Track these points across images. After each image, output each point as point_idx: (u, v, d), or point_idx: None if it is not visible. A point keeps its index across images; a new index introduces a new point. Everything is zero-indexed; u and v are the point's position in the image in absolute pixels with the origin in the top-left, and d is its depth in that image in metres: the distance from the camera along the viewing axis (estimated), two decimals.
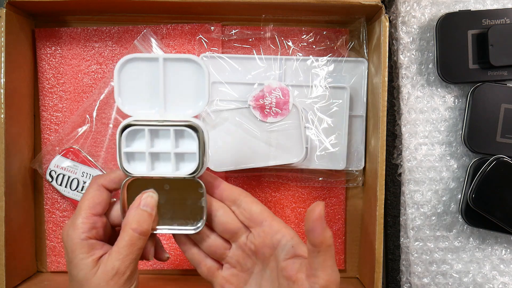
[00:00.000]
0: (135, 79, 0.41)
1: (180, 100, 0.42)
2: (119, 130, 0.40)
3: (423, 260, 0.56)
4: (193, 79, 0.41)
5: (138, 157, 0.42)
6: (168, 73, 0.41)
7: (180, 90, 0.41)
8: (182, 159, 0.42)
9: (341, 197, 0.59)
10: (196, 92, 0.41)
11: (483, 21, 0.52)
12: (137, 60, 0.41)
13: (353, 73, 0.57)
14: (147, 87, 0.41)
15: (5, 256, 0.51)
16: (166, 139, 0.42)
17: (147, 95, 0.41)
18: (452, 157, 0.56)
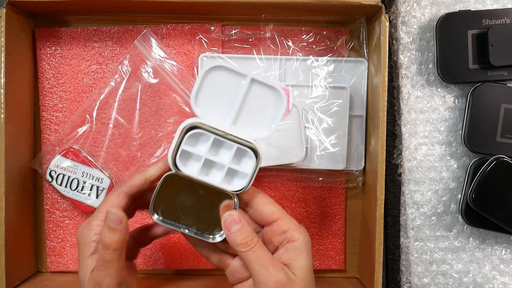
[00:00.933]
0: (217, 86, 0.42)
1: (251, 120, 0.43)
2: (184, 127, 0.41)
3: (423, 260, 0.56)
4: (271, 106, 0.42)
5: (194, 158, 0.42)
6: (250, 92, 0.42)
7: (254, 111, 0.43)
8: (233, 175, 0.43)
9: (341, 197, 0.59)
10: (268, 118, 0.43)
11: (483, 21, 0.52)
12: (227, 70, 0.42)
13: (353, 73, 0.57)
14: (225, 97, 0.42)
15: (5, 256, 0.51)
16: (226, 151, 0.43)
17: (223, 105, 0.43)
18: (452, 157, 0.56)
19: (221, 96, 0.42)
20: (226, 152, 0.43)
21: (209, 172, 0.43)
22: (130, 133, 0.58)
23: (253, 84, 0.42)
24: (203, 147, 0.42)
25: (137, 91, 0.57)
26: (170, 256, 0.59)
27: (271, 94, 0.42)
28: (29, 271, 0.58)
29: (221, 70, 0.42)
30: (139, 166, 0.58)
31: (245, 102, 0.42)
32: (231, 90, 0.42)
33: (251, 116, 0.43)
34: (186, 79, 0.57)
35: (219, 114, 0.43)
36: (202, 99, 0.42)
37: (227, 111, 0.43)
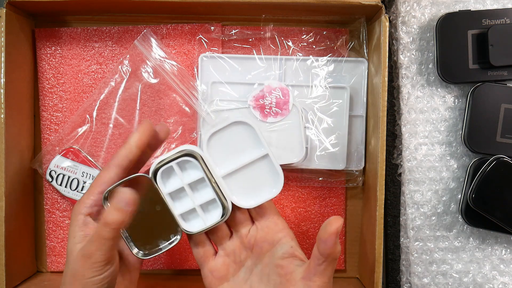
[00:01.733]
0: (234, 138, 0.44)
1: (241, 185, 0.44)
2: (185, 150, 0.42)
3: (423, 260, 0.56)
4: (266, 185, 0.44)
5: (173, 179, 0.43)
6: (257, 163, 0.44)
7: (248, 180, 0.44)
8: (192, 214, 0.44)
9: (341, 197, 0.59)
10: (255, 192, 0.44)
11: (483, 21, 0.52)
12: (253, 132, 0.43)
13: (353, 73, 0.57)
14: (234, 152, 0.44)
15: (5, 256, 0.51)
16: (202, 192, 0.44)
17: (227, 156, 0.44)
18: (452, 157, 0.56)
19: (232, 148, 0.43)
20: (202, 193, 0.44)
21: (175, 198, 0.43)
22: (130, 133, 0.57)
23: (265, 158, 0.43)
24: (188, 176, 0.43)
25: (137, 91, 0.57)
26: (170, 256, 0.59)
27: (273, 176, 0.43)
28: (29, 271, 0.58)
29: (247, 128, 0.43)
30: None
31: (247, 168, 0.44)
32: (243, 150, 0.43)
33: (243, 181, 0.44)
34: (186, 79, 0.57)
35: (219, 159, 0.44)
36: (215, 139, 0.43)
37: (227, 163, 0.44)
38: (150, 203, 0.43)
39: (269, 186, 0.44)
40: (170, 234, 0.44)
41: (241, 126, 0.43)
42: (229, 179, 0.44)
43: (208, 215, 0.44)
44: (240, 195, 0.44)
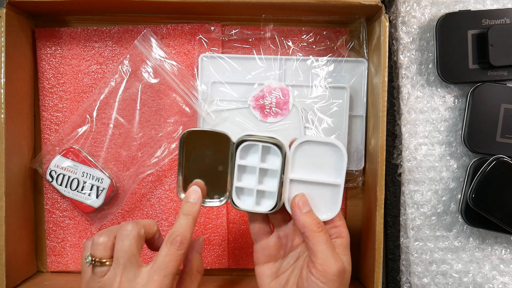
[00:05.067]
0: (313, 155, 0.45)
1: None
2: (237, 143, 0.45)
3: (423, 260, 0.56)
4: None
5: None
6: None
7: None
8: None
9: None
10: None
11: (483, 21, 0.52)
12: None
13: (353, 73, 0.57)
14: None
15: (5, 256, 0.51)
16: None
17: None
18: (452, 157, 0.56)
19: (314, 161, 0.45)
20: (266, 181, 0.46)
21: (241, 171, 0.45)
22: (130, 133, 0.58)
23: (335, 187, 0.45)
24: (265, 162, 0.45)
25: (137, 91, 0.57)
26: None
27: (333, 204, 0.45)
28: (29, 271, 0.58)
29: (340, 155, 0.44)
30: (139, 166, 0.58)
31: (315, 185, 0.45)
32: (322, 169, 0.45)
33: (305, 193, 0.45)
34: (186, 79, 0.57)
35: (297, 164, 0.45)
36: (305, 147, 0.45)
37: (302, 171, 0.45)
38: (216, 160, 0.45)
39: (325, 209, 0.45)
40: (216, 195, 0.46)
41: (335, 149, 0.45)
42: (295, 184, 0.45)
43: (259, 201, 0.45)
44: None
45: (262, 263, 0.46)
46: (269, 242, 0.46)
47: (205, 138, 0.45)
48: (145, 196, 0.58)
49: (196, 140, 0.45)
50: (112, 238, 0.41)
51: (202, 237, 0.47)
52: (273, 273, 0.46)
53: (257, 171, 0.44)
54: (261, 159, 0.44)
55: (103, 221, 0.58)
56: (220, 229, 0.58)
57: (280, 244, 0.46)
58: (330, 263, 0.40)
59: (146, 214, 0.58)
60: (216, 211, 0.58)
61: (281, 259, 0.46)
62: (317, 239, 0.41)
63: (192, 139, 0.45)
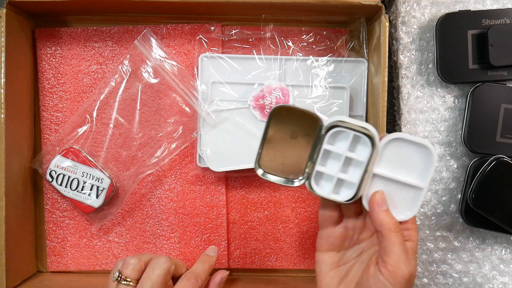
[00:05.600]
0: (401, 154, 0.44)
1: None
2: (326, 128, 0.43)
3: (423, 260, 0.56)
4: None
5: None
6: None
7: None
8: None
9: None
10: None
11: (483, 21, 0.52)
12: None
13: (353, 73, 0.57)
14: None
15: (5, 256, 0.51)
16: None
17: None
18: (452, 157, 0.56)
19: (402, 160, 0.43)
20: (350, 170, 0.44)
21: (325, 156, 0.44)
22: (130, 133, 0.58)
23: (418, 189, 0.43)
24: (353, 151, 0.43)
25: (137, 91, 0.57)
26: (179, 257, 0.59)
27: (411, 204, 0.44)
28: (29, 271, 0.58)
29: (430, 157, 0.43)
30: (139, 166, 0.58)
31: (398, 184, 0.44)
32: (409, 169, 0.43)
33: (386, 190, 0.44)
34: (186, 79, 0.57)
35: (384, 159, 0.44)
36: (397, 144, 0.43)
37: (387, 167, 0.44)
38: (303, 141, 0.44)
39: (403, 209, 0.44)
40: (292, 175, 0.44)
41: (426, 151, 0.43)
42: (378, 180, 0.44)
43: (338, 189, 0.44)
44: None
45: (324, 251, 0.46)
46: (336, 231, 0.45)
47: (295, 115, 0.43)
48: (145, 196, 0.58)
49: (286, 117, 0.43)
50: (142, 263, 0.44)
51: (226, 272, 0.51)
52: (334, 262, 0.45)
53: (342, 159, 0.43)
54: (350, 148, 0.43)
55: (103, 221, 0.58)
56: (220, 229, 0.58)
57: (346, 235, 0.45)
58: (402, 265, 0.40)
59: (146, 214, 0.58)
60: (216, 211, 0.58)
61: (344, 250, 0.46)
62: (393, 240, 0.40)
63: (282, 114, 0.43)
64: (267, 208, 0.59)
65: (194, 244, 0.58)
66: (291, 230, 0.59)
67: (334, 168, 0.43)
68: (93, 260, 0.59)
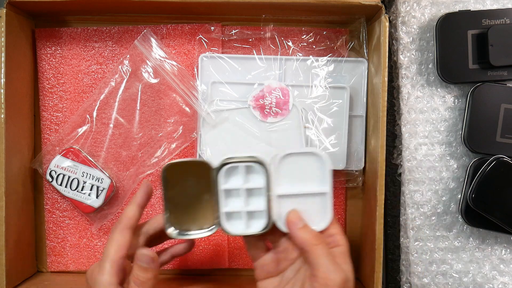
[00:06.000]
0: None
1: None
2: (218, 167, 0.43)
3: (423, 260, 0.56)
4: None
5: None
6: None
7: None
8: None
9: (341, 197, 0.59)
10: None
11: (483, 21, 0.52)
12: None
13: (353, 73, 0.57)
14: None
15: (5, 256, 0.51)
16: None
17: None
18: (452, 157, 0.56)
19: (298, 174, 0.44)
20: (254, 201, 0.44)
21: (228, 196, 0.44)
22: (130, 133, 0.58)
23: (323, 195, 0.44)
24: (250, 182, 0.44)
25: (137, 91, 0.57)
26: None
27: (323, 213, 0.44)
28: (29, 271, 0.58)
29: (321, 162, 0.44)
30: (139, 166, 0.58)
31: (303, 197, 0.45)
32: (308, 180, 0.44)
33: (295, 207, 0.44)
34: (186, 79, 0.57)
35: (282, 179, 0.44)
36: (288, 160, 0.44)
37: (287, 185, 0.45)
38: (201, 189, 0.44)
39: (316, 220, 0.44)
40: (205, 225, 0.45)
41: (316, 158, 0.44)
42: (284, 200, 0.44)
43: (251, 223, 0.44)
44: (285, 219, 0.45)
45: (263, 279, 0.46)
46: (267, 258, 0.45)
47: (186, 169, 0.44)
48: None
49: (178, 172, 0.44)
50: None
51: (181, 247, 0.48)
52: (275, 287, 0.45)
53: (243, 193, 0.44)
54: (245, 180, 0.43)
55: (103, 221, 0.58)
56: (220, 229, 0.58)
57: (278, 259, 0.45)
58: (332, 275, 0.40)
59: (146, 214, 0.58)
60: None
61: (282, 273, 0.45)
62: (316, 253, 0.41)
63: (174, 171, 0.43)
64: None
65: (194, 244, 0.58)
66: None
67: (239, 204, 0.44)
68: (93, 260, 0.59)
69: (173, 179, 0.43)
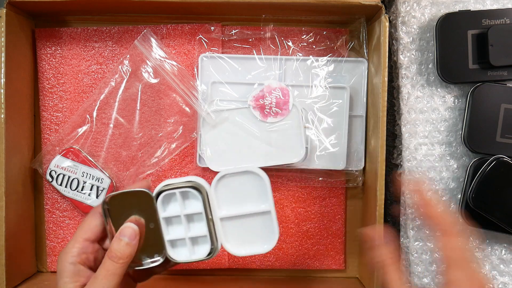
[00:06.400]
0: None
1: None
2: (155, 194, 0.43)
3: (423, 260, 0.56)
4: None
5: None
6: None
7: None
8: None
9: (341, 197, 0.59)
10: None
11: (483, 21, 0.52)
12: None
13: (353, 73, 0.57)
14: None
15: (5, 256, 0.51)
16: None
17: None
18: (452, 157, 0.56)
19: (239, 194, 0.44)
20: (196, 226, 0.44)
21: (170, 223, 0.44)
22: (130, 133, 0.58)
23: (267, 214, 0.44)
24: (188, 207, 0.44)
25: (137, 91, 0.57)
26: None
27: (269, 233, 0.44)
28: (29, 271, 0.58)
29: (260, 180, 0.44)
30: (139, 166, 0.58)
31: (247, 217, 0.44)
32: (249, 200, 0.44)
33: (239, 229, 0.45)
34: (186, 79, 0.57)
35: (223, 201, 0.45)
36: (226, 180, 0.44)
37: (229, 207, 0.45)
38: (145, 218, 0.43)
39: (263, 240, 0.44)
40: (155, 254, 0.44)
41: (254, 176, 0.44)
42: (227, 222, 0.44)
43: (196, 249, 0.44)
44: (232, 241, 0.45)
45: None
46: None
47: (128, 199, 0.43)
48: None
49: (120, 204, 0.43)
50: None
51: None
52: None
53: (183, 219, 0.43)
54: (183, 206, 0.43)
55: None
56: None
57: None
58: None
59: None
60: None
61: None
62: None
63: (116, 203, 0.43)
64: None
65: None
66: (291, 230, 0.59)
67: (180, 231, 0.43)
68: None
69: (116, 210, 0.43)
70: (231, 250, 0.44)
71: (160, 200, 0.43)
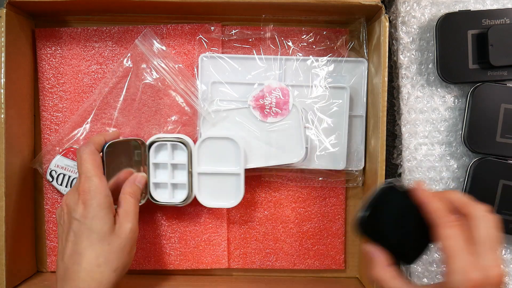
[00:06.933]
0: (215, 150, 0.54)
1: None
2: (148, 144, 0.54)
3: (423, 260, 0.56)
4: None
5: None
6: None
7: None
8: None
9: (341, 197, 0.59)
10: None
11: (483, 21, 0.52)
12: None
13: (353, 73, 0.57)
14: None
15: (5, 256, 0.51)
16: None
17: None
18: (452, 157, 0.56)
19: (217, 155, 0.54)
20: (178, 175, 0.54)
21: (157, 168, 0.54)
22: (130, 133, 0.58)
23: (237, 175, 0.53)
24: (175, 158, 0.54)
25: (137, 91, 0.57)
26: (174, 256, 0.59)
27: (237, 191, 0.54)
28: (29, 271, 0.58)
29: (237, 146, 0.53)
30: None
31: (220, 176, 0.54)
32: (225, 161, 0.54)
33: (212, 184, 0.54)
34: (186, 79, 0.57)
35: (203, 159, 0.54)
36: (209, 142, 0.54)
37: (208, 165, 0.54)
38: (136, 163, 0.53)
39: (230, 197, 0.54)
40: (144, 193, 0.53)
41: (232, 143, 0.53)
42: (203, 177, 0.54)
43: (174, 193, 0.54)
44: (204, 194, 0.54)
45: None
46: None
47: (123, 146, 0.51)
48: None
49: (116, 150, 0.49)
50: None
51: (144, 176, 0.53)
52: None
53: (169, 167, 0.53)
54: (171, 156, 0.53)
55: None
56: (220, 229, 0.58)
57: None
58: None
59: None
60: (216, 211, 0.58)
61: None
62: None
63: (112, 150, 0.49)
64: (267, 208, 0.59)
65: (194, 244, 0.58)
66: (291, 230, 0.59)
67: (165, 176, 0.53)
68: None
69: (112, 156, 0.49)
70: (203, 201, 0.54)
71: (152, 148, 0.53)
